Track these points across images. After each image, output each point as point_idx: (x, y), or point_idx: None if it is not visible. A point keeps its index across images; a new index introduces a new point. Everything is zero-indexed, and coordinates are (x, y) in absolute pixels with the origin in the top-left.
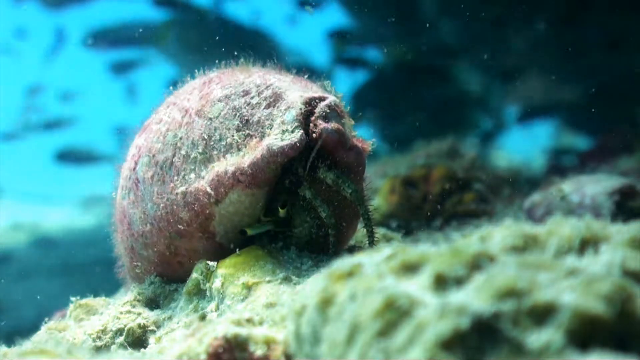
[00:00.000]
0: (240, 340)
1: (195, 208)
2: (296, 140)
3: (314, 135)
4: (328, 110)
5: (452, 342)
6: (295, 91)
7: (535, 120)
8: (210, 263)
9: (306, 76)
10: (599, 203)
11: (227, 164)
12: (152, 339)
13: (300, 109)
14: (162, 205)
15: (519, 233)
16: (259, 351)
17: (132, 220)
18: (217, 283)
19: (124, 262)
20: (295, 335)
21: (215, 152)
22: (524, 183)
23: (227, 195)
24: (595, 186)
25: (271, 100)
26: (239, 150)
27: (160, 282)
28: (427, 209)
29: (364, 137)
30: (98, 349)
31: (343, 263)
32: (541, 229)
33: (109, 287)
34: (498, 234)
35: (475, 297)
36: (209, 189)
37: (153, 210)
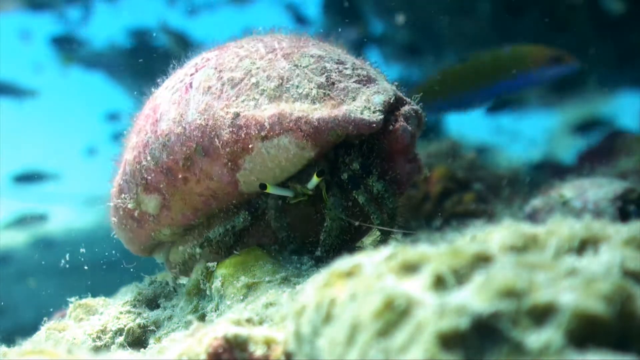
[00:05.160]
0: (240, 340)
1: (240, 134)
2: (375, 120)
3: (391, 127)
4: (413, 114)
5: (451, 342)
6: (389, 85)
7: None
8: (210, 264)
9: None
10: (602, 209)
11: (294, 108)
12: (152, 339)
13: (390, 97)
14: (205, 116)
15: (518, 233)
16: (259, 351)
17: (163, 117)
18: (217, 283)
19: (127, 155)
20: (295, 335)
21: (286, 95)
22: (524, 183)
23: (279, 137)
24: (598, 191)
25: (364, 79)
26: (312, 104)
27: (160, 282)
28: (427, 209)
29: None
30: (98, 349)
31: (343, 263)
32: (541, 229)
33: (109, 287)
34: (497, 234)
35: (474, 297)
36: (266, 122)
37: (192, 117)
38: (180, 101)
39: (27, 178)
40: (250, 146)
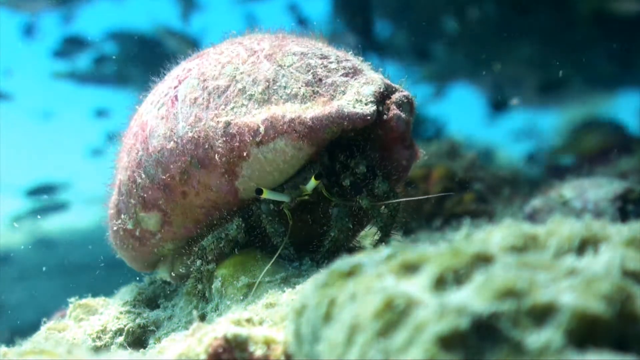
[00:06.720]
0: (240, 340)
1: (234, 142)
2: (368, 113)
3: (384, 117)
4: (405, 101)
5: (451, 342)
6: (376, 74)
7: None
8: (210, 265)
9: None
10: (602, 209)
11: (285, 110)
12: (152, 339)
13: (380, 87)
14: (196, 128)
15: (518, 233)
16: (258, 351)
17: (153, 134)
18: (217, 283)
19: (120, 175)
20: (295, 335)
21: (275, 97)
22: (523, 183)
23: (274, 141)
24: (597, 191)
25: (350, 71)
26: (303, 103)
27: (160, 281)
28: (427, 209)
29: None
30: (98, 349)
31: (343, 263)
32: (541, 229)
33: (109, 287)
34: (498, 234)
35: (474, 297)
36: (260, 127)
37: (184, 131)
38: (168, 116)
39: (40, 191)
40: (245, 153)
